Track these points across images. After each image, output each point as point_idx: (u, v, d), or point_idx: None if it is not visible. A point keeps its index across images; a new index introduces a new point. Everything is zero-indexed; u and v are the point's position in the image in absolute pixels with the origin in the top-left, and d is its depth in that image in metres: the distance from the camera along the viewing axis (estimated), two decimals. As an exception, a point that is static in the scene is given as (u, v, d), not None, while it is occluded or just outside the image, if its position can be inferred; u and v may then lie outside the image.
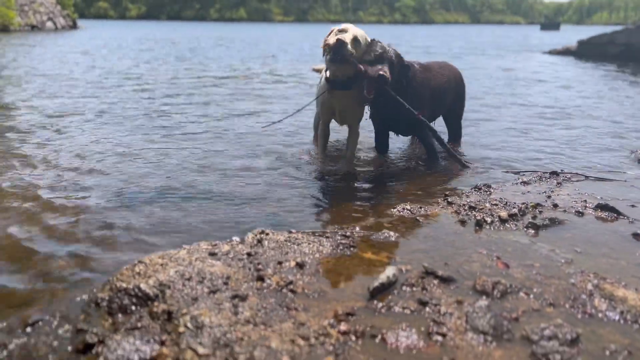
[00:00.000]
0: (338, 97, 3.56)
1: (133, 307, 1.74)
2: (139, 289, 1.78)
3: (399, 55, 3.50)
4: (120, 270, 1.95)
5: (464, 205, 2.83)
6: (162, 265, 1.95)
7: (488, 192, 3.07)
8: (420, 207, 2.84)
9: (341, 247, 2.27)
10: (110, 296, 1.79)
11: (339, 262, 2.14)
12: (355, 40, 3.34)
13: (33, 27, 33.18)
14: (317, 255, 2.17)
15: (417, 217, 2.69)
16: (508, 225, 2.59)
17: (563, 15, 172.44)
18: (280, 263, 2.07)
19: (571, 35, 37.33)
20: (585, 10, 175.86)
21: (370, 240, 2.39)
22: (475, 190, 3.12)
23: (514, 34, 47.85)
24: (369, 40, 3.49)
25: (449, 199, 2.94)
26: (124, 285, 1.81)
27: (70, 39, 24.84)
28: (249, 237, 2.28)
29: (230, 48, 20.76)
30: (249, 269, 1.99)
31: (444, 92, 4.00)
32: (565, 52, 18.03)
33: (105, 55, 15.26)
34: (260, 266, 2.01)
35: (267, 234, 2.30)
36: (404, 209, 2.81)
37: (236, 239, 2.26)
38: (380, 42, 3.46)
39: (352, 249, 2.27)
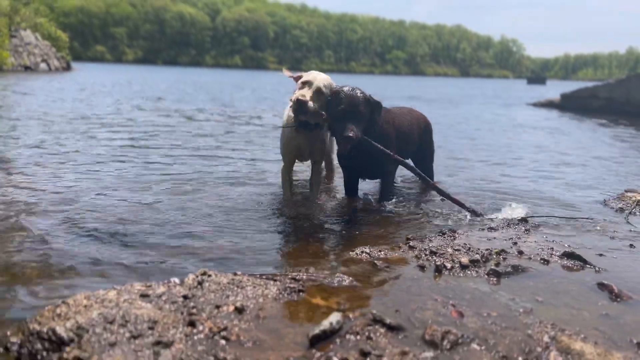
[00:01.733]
0: (303, 136, 3.62)
1: (45, 353, 1.59)
2: (54, 332, 1.63)
3: (367, 98, 3.47)
4: (40, 311, 1.80)
5: (425, 250, 2.72)
6: (86, 306, 1.80)
7: (452, 237, 2.97)
8: (380, 251, 2.72)
9: (288, 291, 2.13)
10: (22, 340, 1.64)
11: (283, 308, 2.00)
12: (318, 92, 3.43)
13: (26, 68, 33.45)
14: (260, 299, 2.03)
15: (375, 261, 2.57)
16: (469, 272, 2.47)
17: (549, 70, 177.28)
18: (218, 307, 1.92)
19: (557, 89, 38.18)
20: (571, 67, 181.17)
21: (322, 285, 2.26)
22: (439, 235, 3.01)
23: (501, 87, 48.91)
24: (334, 85, 3.52)
25: (411, 243, 2.83)
26: (38, 328, 1.66)
27: (58, 81, 25.01)
28: (190, 278, 2.14)
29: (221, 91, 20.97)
30: (182, 313, 1.84)
31: (407, 135, 3.97)
32: (549, 104, 18.37)
33: (83, 98, 15.30)
34: (194, 310, 1.87)
35: (210, 275, 2.16)
36: (362, 252, 2.69)
37: (175, 280, 2.12)
38: (346, 88, 3.43)
39: (300, 293, 2.13)
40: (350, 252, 2.69)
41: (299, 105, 3.37)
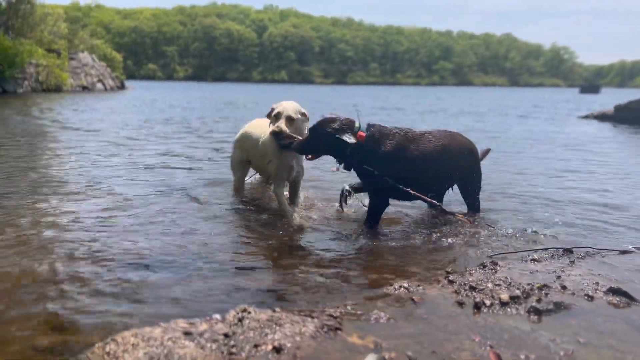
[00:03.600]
0: (293, 157, 4.34)
1: (95, 391, 1.69)
2: (103, 371, 1.74)
3: (327, 129, 3.79)
4: (92, 349, 1.92)
5: (464, 284, 2.70)
6: (133, 345, 1.90)
7: (493, 271, 2.94)
8: (419, 285, 2.72)
9: (325, 329, 2.18)
10: (75, 377, 1.75)
11: (320, 347, 2.05)
12: (289, 119, 4.13)
13: (84, 88, 35.16)
14: (298, 338, 2.09)
15: (413, 297, 2.58)
16: (508, 309, 2.45)
17: (604, 77, 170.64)
18: (256, 346, 1.99)
19: (611, 97, 36.73)
20: (627, 73, 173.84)
21: (359, 322, 2.29)
22: (480, 268, 2.99)
23: (551, 97, 47.52)
24: (303, 111, 4.26)
25: (451, 277, 2.82)
26: (89, 366, 1.77)
27: (110, 99, 26.13)
28: (231, 315, 2.22)
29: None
30: (222, 352, 1.92)
31: (434, 160, 3.93)
32: (601, 116, 17.72)
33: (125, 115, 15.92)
34: (234, 349, 1.94)
35: (249, 312, 2.24)
36: (400, 287, 2.70)
37: (217, 316, 2.21)
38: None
39: (337, 331, 2.17)
40: (389, 287, 2.71)
41: (276, 136, 4.09)
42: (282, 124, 4.08)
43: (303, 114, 4.24)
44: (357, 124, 3.87)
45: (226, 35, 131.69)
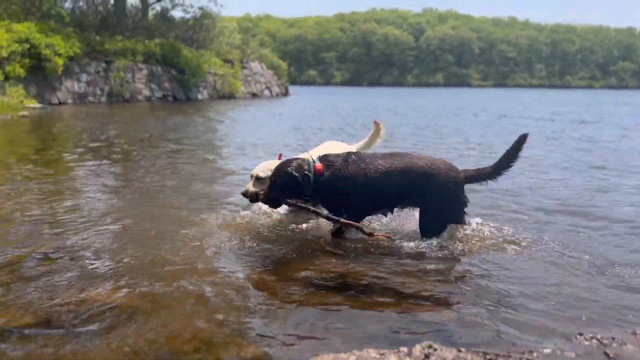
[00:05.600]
0: None
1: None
2: (309, 393, 1.93)
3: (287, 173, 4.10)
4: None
5: (668, 342, 2.47)
6: (332, 370, 2.09)
7: (703, 328, 2.63)
8: (613, 338, 2.54)
9: (513, 376, 2.16)
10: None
11: (508, 395, 2.04)
12: (257, 178, 4.53)
13: (253, 95, 38.25)
14: (485, 382, 2.11)
15: (608, 351, 2.42)
16: None
17: None
18: (445, 386, 2.05)
19: None
20: None
21: (547, 372, 2.23)
22: (686, 323, 2.69)
23: None
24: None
25: (649, 330, 2.59)
26: (297, 387, 1.98)
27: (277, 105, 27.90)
28: (417, 349, 2.31)
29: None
30: (412, 388, 2.02)
31: (381, 182, 4.10)
32: None
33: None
34: (424, 387, 2.02)
35: (435, 349, 2.30)
36: (592, 337, 2.55)
37: (404, 349, 2.31)
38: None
39: (525, 379, 2.14)
40: (579, 336, 2.57)
41: (245, 195, 4.51)
42: (249, 185, 4.56)
43: None
44: (310, 159, 4.22)
45: (383, 40, 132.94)
